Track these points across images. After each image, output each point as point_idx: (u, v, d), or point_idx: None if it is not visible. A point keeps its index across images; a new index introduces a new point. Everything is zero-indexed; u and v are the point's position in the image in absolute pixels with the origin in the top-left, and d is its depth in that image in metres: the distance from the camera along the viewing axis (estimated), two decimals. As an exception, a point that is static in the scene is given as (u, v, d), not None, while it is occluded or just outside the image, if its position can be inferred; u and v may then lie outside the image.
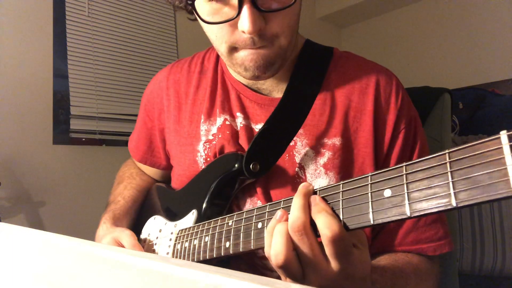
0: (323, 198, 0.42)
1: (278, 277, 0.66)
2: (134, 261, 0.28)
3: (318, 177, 0.64)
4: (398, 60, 3.29)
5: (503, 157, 0.27)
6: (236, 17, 0.54)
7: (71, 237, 0.39)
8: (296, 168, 0.65)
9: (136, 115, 2.21)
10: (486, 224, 1.77)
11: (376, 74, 0.68)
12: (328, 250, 0.39)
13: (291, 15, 0.57)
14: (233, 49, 0.59)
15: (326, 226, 0.38)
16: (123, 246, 0.67)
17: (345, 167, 0.65)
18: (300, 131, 0.66)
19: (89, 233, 1.99)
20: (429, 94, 0.95)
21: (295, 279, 0.42)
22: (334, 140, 0.65)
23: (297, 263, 0.41)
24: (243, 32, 0.55)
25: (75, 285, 0.30)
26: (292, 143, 0.66)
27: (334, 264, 0.40)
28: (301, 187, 0.43)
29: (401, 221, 0.36)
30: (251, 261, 0.68)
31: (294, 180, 0.65)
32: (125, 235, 0.67)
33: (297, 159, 0.65)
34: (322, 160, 0.64)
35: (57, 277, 0.33)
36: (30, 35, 1.82)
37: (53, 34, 1.90)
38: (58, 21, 1.92)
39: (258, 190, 0.66)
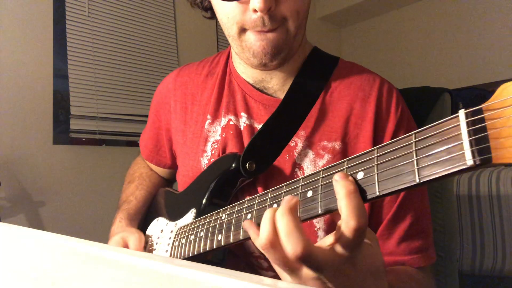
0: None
1: (274, 277, 0.67)
2: (134, 261, 0.28)
3: None
4: (398, 60, 3.29)
5: (460, 133, 0.29)
6: None
7: (71, 237, 0.39)
8: (296, 169, 0.67)
9: (136, 115, 2.24)
10: (486, 224, 1.77)
11: (378, 85, 0.70)
12: (343, 239, 0.38)
13: (300, 2, 0.60)
14: (243, 30, 0.61)
15: (349, 206, 0.37)
16: (127, 245, 0.70)
17: None
18: (302, 132, 0.68)
19: (89, 233, 1.99)
20: (429, 94, 0.95)
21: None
22: (334, 144, 0.67)
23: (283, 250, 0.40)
24: (255, 11, 0.57)
25: (75, 285, 0.30)
26: (293, 144, 0.67)
27: (347, 258, 0.39)
28: (285, 202, 0.40)
29: (375, 200, 0.37)
30: (247, 260, 0.69)
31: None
32: (134, 237, 0.70)
33: (298, 160, 0.67)
34: (321, 162, 0.66)
35: (57, 277, 0.33)
36: (30, 35, 1.82)
37: (53, 34, 1.90)
38: (58, 21, 1.92)
39: (259, 190, 0.67)
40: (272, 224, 0.40)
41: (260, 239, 0.40)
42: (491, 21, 2.80)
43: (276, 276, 0.67)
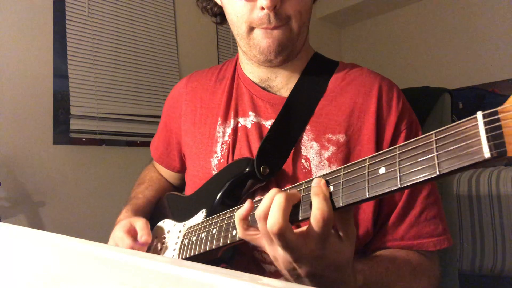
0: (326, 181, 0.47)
1: (276, 271, 0.67)
2: (134, 261, 0.29)
3: (322, 169, 0.69)
4: (398, 60, 3.29)
5: (478, 131, 0.33)
6: None
7: (71, 237, 0.39)
8: (302, 160, 0.70)
9: (136, 115, 2.24)
10: (486, 224, 1.77)
11: (379, 81, 0.74)
12: (311, 229, 0.45)
13: (303, 2, 0.67)
14: (251, 29, 0.68)
15: (317, 207, 0.44)
16: (135, 228, 0.72)
17: (348, 161, 0.68)
18: (307, 127, 0.71)
19: (89, 233, 1.99)
20: (429, 94, 0.95)
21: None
22: (338, 137, 0.70)
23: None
24: (262, 8, 0.63)
25: (75, 285, 0.30)
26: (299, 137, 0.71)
27: (312, 245, 0.45)
28: (289, 193, 0.47)
29: (394, 193, 0.40)
30: (251, 254, 0.70)
31: (300, 171, 0.69)
32: (141, 221, 0.73)
33: (304, 152, 0.70)
34: (326, 153, 0.69)
35: (57, 277, 0.33)
36: (30, 35, 1.82)
37: (53, 34, 1.90)
38: (58, 21, 1.92)
39: (271, 186, 0.69)
40: (271, 199, 0.46)
41: (258, 209, 0.47)
42: (491, 21, 2.80)
43: (278, 271, 0.68)
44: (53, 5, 1.91)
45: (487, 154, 0.32)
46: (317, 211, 0.43)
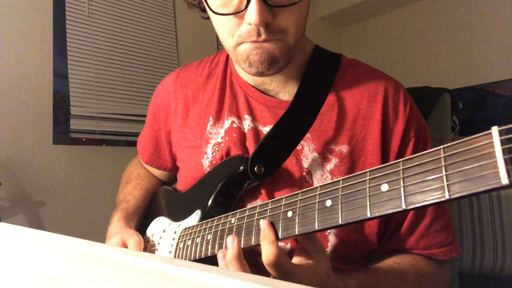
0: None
1: None
2: (134, 261, 0.28)
3: (325, 182, 0.65)
4: (398, 60, 3.29)
5: (494, 151, 0.29)
6: (244, 9, 0.55)
7: (71, 237, 0.39)
8: (304, 173, 0.66)
9: (136, 115, 2.24)
10: (486, 224, 1.77)
11: (385, 83, 0.69)
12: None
13: (298, 13, 0.58)
14: (239, 42, 0.60)
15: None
16: (126, 248, 0.68)
17: (351, 173, 0.66)
18: (308, 135, 0.66)
19: (89, 233, 1.99)
20: (429, 94, 0.95)
21: None
22: (341, 147, 0.65)
23: None
24: (249, 24, 0.56)
25: (75, 285, 0.30)
26: (299, 147, 0.66)
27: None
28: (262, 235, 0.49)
29: (398, 214, 0.37)
30: (253, 259, 0.69)
31: (301, 184, 0.65)
32: (133, 240, 0.69)
33: (305, 164, 0.66)
34: (329, 166, 0.65)
35: (57, 277, 0.33)
36: (30, 35, 1.82)
37: (53, 34, 1.90)
38: (58, 21, 1.92)
39: (263, 192, 0.67)
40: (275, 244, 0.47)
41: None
42: (491, 21, 2.80)
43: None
44: (53, 5, 1.91)
45: (505, 180, 0.27)
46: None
